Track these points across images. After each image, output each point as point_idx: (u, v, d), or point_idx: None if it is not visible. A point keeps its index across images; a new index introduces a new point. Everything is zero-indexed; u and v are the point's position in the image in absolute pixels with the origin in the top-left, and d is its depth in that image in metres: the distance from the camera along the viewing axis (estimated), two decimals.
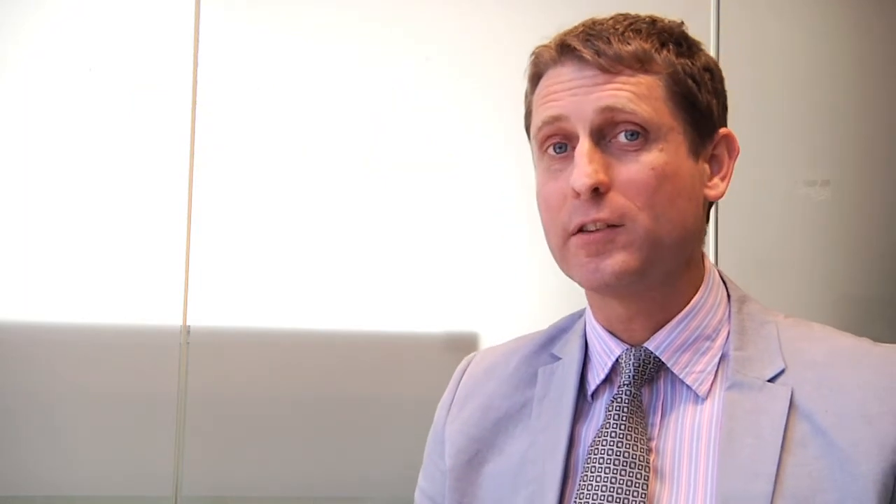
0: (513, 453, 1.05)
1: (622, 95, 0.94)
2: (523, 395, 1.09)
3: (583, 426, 1.03)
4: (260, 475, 2.01)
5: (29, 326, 1.99)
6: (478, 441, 1.08)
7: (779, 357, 0.99)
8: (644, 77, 0.96)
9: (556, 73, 0.99)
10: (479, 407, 1.11)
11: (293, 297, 2.03)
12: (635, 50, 0.95)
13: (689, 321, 1.01)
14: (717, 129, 1.02)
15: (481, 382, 1.13)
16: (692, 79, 0.98)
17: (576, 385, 1.05)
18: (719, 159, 1.03)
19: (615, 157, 0.95)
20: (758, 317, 1.04)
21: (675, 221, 0.96)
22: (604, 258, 0.95)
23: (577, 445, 1.02)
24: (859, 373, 0.96)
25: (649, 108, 0.95)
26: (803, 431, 0.94)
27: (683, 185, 0.97)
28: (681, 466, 0.97)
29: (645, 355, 1.01)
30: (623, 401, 1.00)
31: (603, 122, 0.95)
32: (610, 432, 0.99)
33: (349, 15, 2.09)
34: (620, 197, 0.94)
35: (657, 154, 0.95)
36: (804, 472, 0.92)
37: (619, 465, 0.97)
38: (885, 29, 2.20)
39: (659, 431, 1.00)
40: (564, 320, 1.14)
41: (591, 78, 0.95)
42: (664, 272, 0.98)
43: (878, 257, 2.16)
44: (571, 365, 1.06)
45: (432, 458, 1.16)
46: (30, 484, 1.97)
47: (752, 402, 0.96)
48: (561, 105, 0.97)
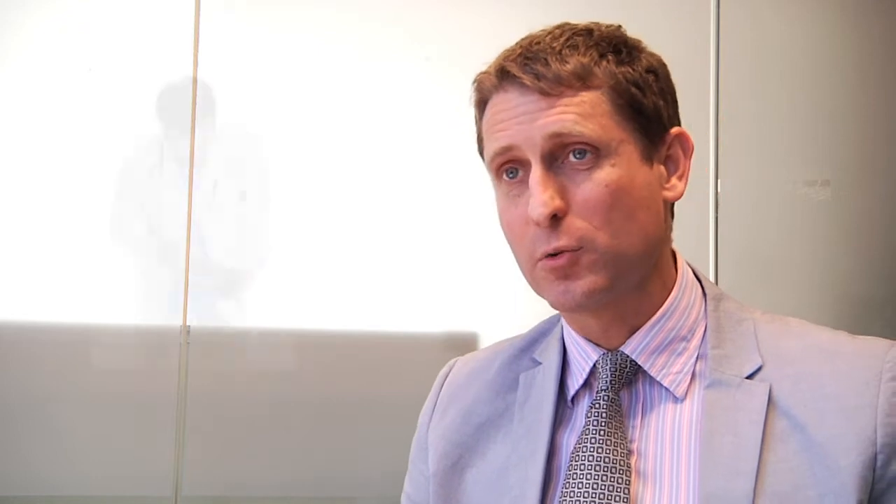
0: (495, 459, 1.05)
1: (567, 119, 0.94)
2: (504, 400, 1.09)
3: (564, 432, 1.04)
4: (260, 475, 2.02)
5: (29, 326, 1.99)
6: (460, 446, 1.08)
7: (756, 354, 0.99)
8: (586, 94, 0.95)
9: (500, 99, 0.99)
10: (461, 412, 1.11)
11: (293, 298, 2.03)
12: (574, 68, 0.95)
13: (664, 323, 1.01)
14: (667, 129, 1.01)
15: (463, 388, 1.13)
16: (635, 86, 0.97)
17: (555, 390, 1.05)
18: (674, 159, 1.02)
19: (569, 179, 0.95)
20: (734, 314, 1.03)
21: (636, 233, 0.96)
22: (572, 280, 0.96)
23: (558, 451, 1.02)
24: (836, 366, 0.96)
25: (595, 126, 0.95)
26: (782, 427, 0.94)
27: (640, 196, 0.97)
28: (663, 467, 0.97)
29: (621, 359, 1.01)
30: (601, 406, 1.00)
31: (552, 147, 0.95)
32: (590, 438, 0.99)
33: (349, 15, 2.10)
34: (578, 220, 0.95)
35: (609, 170, 0.95)
36: (785, 468, 0.92)
37: (601, 471, 0.97)
38: (884, 29, 2.20)
39: (639, 434, 1.00)
40: (544, 323, 1.14)
41: (534, 103, 0.96)
42: (632, 281, 0.99)
43: (878, 257, 2.16)
44: (551, 370, 1.06)
45: (416, 463, 1.16)
46: (30, 484, 1.97)
47: (730, 400, 0.97)
48: (509, 135, 0.97)
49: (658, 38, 1.15)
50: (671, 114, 1.02)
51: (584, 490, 0.97)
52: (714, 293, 1.05)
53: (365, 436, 2.02)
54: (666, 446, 0.98)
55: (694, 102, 2.06)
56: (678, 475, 0.96)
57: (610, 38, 0.99)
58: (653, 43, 1.07)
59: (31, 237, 2.00)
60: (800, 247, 2.14)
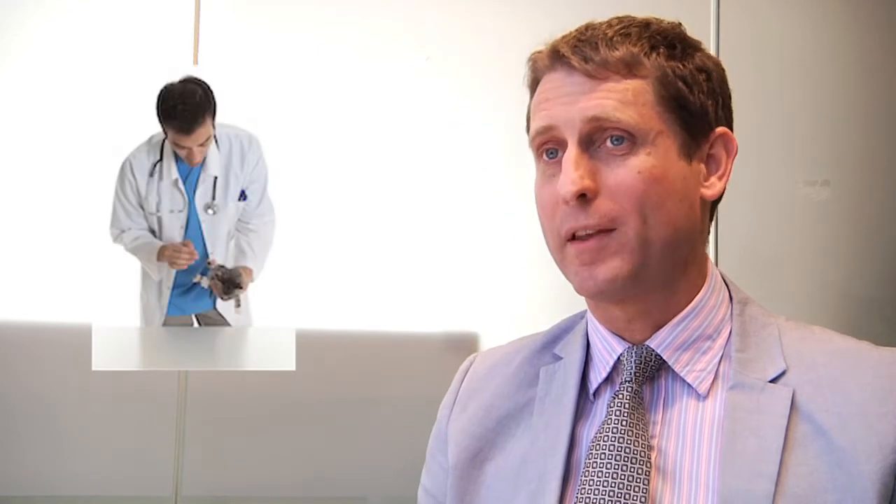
0: (514, 452, 1.06)
1: (607, 104, 0.96)
2: (525, 394, 1.09)
3: (584, 425, 1.04)
4: (260, 475, 2.01)
5: (29, 326, 1.99)
6: (480, 440, 1.09)
7: (780, 358, 1.00)
8: (631, 82, 0.97)
9: (549, 79, 1.01)
10: (481, 406, 1.12)
11: (293, 298, 2.03)
12: (622, 55, 0.97)
13: (691, 320, 1.02)
14: (712, 129, 1.02)
15: (484, 382, 1.14)
16: (683, 81, 0.98)
17: (577, 384, 1.05)
18: (716, 158, 1.03)
19: (603, 163, 0.97)
20: (759, 319, 1.04)
21: (665, 223, 0.97)
22: (597, 265, 0.97)
23: (578, 444, 1.03)
24: (860, 374, 0.97)
25: (635, 114, 0.96)
26: (804, 432, 0.95)
27: (673, 187, 0.98)
28: (682, 464, 0.98)
29: (646, 353, 1.02)
30: (624, 397, 1.01)
31: (591, 130, 0.97)
32: (611, 429, 0.99)
33: (349, 15, 2.10)
34: (608, 202, 0.96)
35: (644, 158, 0.96)
36: (805, 471, 0.93)
37: (621, 461, 0.97)
38: (885, 29, 2.20)
39: (660, 429, 1.00)
40: (566, 321, 1.15)
41: (578, 85, 0.97)
42: (659, 275, 0.99)
43: (878, 257, 2.16)
44: (573, 364, 1.07)
45: (435, 455, 1.17)
46: (30, 484, 1.97)
47: (753, 403, 0.97)
48: (551, 114, 0.99)
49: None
50: (719, 115, 1.03)
51: (602, 480, 0.97)
52: (740, 297, 1.06)
53: (364, 436, 2.02)
54: (687, 444, 0.99)
55: None
56: (698, 473, 0.97)
57: (666, 33, 1.01)
58: None
59: (31, 237, 2.00)
60: (800, 247, 2.14)
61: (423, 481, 1.19)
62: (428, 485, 1.17)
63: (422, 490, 1.19)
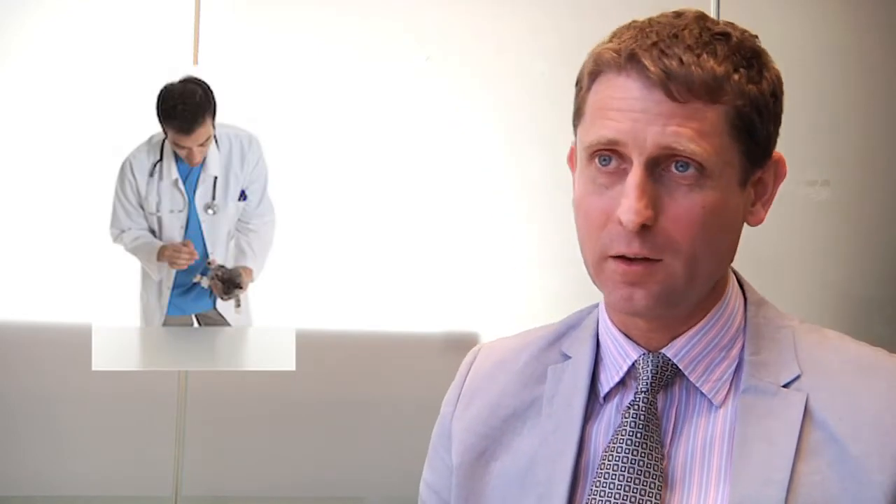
0: (521, 452, 1.05)
1: (684, 134, 0.90)
2: (532, 392, 1.07)
3: (593, 428, 1.03)
4: (260, 475, 2.01)
5: (29, 326, 1.99)
6: (486, 438, 1.07)
7: (794, 363, 0.98)
8: (710, 110, 0.92)
9: (620, 83, 0.93)
10: (487, 404, 1.09)
11: (293, 298, 2.03)
12: (706, 78, 0.91)
13: (708, 331, 1.00)
14: (770, 155, 1.00)
15: (489, 378, 1.12)
16: (756, 109, 0.95)
17: (586, 386, 1.04)
18: (765, 183, 1.01)
19: (666, 189, 0.92)
20: (774, 321, 1.03)
21: (713, 258, 0.95)
22: (637, 288, 0.94)
23: (587, 448, 1.02)
24: (874, 383, 0.95)
25: (709, 147, 0.91)
26: (817, 439, 0.94)
27: (728, 220, 0.96)
28: (692, 472, 0.97)
29: (663, 362, 1.00)
30: (640, 408, 0.99)
31: (660, 155, 0.92)
32: (626, 440, 0.98)
33: (349, 15, 2.09)
34: (664, 232, 0.92)
35: (709, 192, 0.92)
36: (817, 480, 0.92)
37: (633, 474, 0.96)
38: (885, 29, 2.20)
39: (672, 439, 0.99)
40: (574, 317, 1.12)
41: (655, 104, 0.91)
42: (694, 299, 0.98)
43: (878, 257, 2.16)
44: (582, 365, 1.05)
45: (438, 451, 1.15)
46: (30, 484, 1.97)
47: (766, 408, 0.96)
48: (619, 128, 0.92)
49: None
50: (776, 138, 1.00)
51: (614, 491, 0.96)
52: (755, 298, 1.05)
53: (364, 436, 2.02)
54: (697, 451, 0.97)
55: None
56: (707, 481, 0.96)
57: (745, 47, 0.96)
58: None
59: (31, 237, 2.00)
60: (800, 247, 2.14)
61: (425, 476, 1.17)
62: (430, 480, 1.15)
63: (423, 485, 1.17)
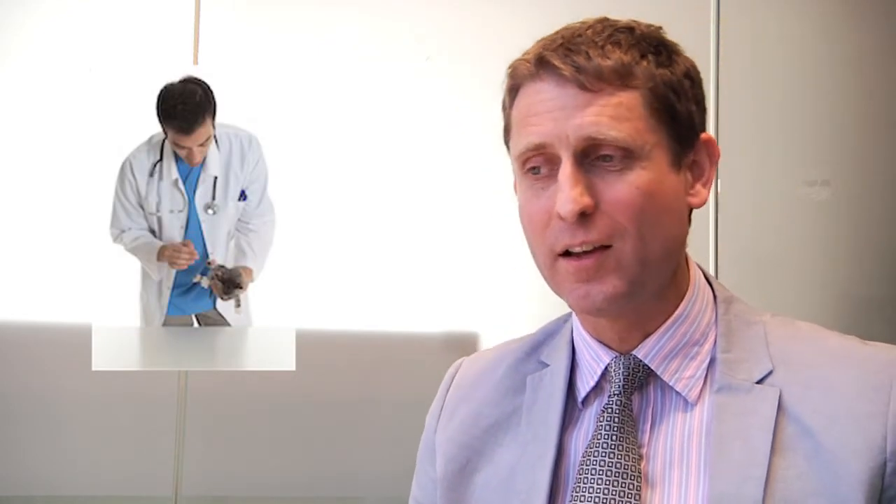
0: (502, 463, 1.05)
1: (603, 122, 0.93)
2: (512, 402, 1.08)
3: (572, 434, 1.03)
4: (260, 475, 2.01)
5: (29, 326, 1.99)
6: (468, 449, 1.08)
7: (766, 358, 0.99)
8: (624, 94, 0.94)
9: (536, 89, 0.97)
10: (468, 415, 1.10)
11: (293, 298, 2.03)
12: (615, 65, 0.94)
13: (677, 328, 1.01)
14: (698, 136, 1.00)
15: (471, 389, 1.13)
16: (672, 90, 0.96)
17: (564, 392, 1.04)
18: (700, 165, 1.01)
19: (599, 177, 0.94)
20: (745, 317, 1.03)
21: (660, 239, 0.96)
22: (594, 284, 0.95)
23: (566, 454, 1.02)
24: (847, 373, 0.96)
25: (630, 129, 0.93)
26: (792, 433, 0.94)
27: (668, 200, 0.96)
28: (671, 471, 0.97)
29: (634, 363, 1.01)
30: (614, 410, 1.00)
31: (585, 147, 0.94)
32: (602, 443, 0.98)
33: (349, 15, 2.10)
34: (607, 217, 0.94)
35: (640, 172, 0.94)
36: (794, 474, 0.92)
37: (612, 476, 0.97)
38: (885, 29, 2.20)
39: (649, 438, 0.99)
40: (551, 325, 1.14)
41: (571, 98, 0.94)
42: (653, 289, 0.98)
43: (878, 257, 2.16)
44: (559, 372, 1.06)
45: (424, 466, 1.16)
46: (30, 484, 1.97)
47: (740, 405, 0.96)
48: (542, 131, 0.95)
49: None
50: (700, 120, 1.01)
51: (594, 495, 0.97)
52: (724, 296, 1.05)
53: (365, 436, 2.02)
54: (675, 450, 0.98)
55: None
56: (687, 479, 0.96)
57: (650, 37, 0.98)
58: None
59: (32, 237, 2.00)
60: (800, 247, 2.14)
61: (413, 491, 1.18)
62: (418, 495, 1.16)
63: (412, 500, 1.18)
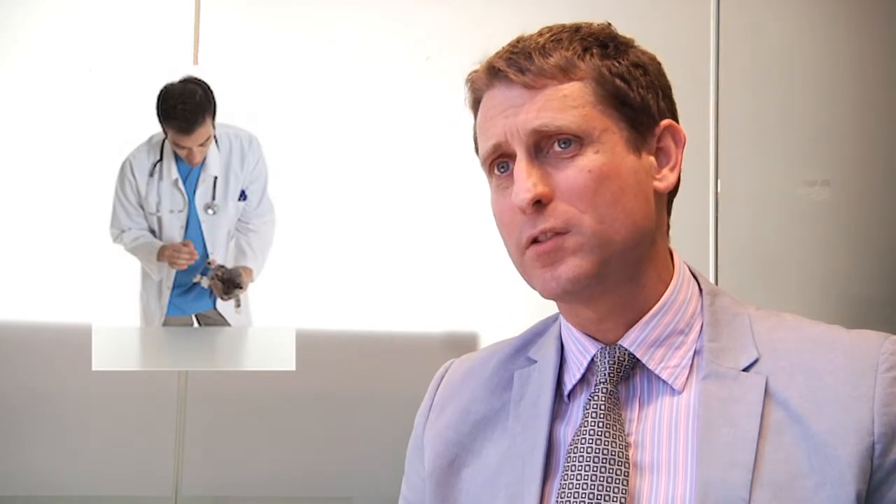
0: (491, 457, 1.06)
1: (547, 115, 0.97)
2: (500, 398, 1.09)
3: (561, 427, 1.04)
4: (260, 475, 2.02)
5: (29, 326, 1.99)
6: (456, 445, 1.09)
7: (752, 347, 1.01)
8: (569, 85, 0.98)
9: (490, 96, 1.02)
10: (456, 411, 1.12)
11: (293, 298, 2.03)
12: (557, 61, 0.98)
13: (662, 317, 1.02)
14: (657, 122, 1.02)
15: (459, 387, 1.14)
16: (620, 78, 0.99)
17: (552, 386, 1.06)
18: (666, 151, 1.03)
19: (553, 167, 0.98)
20: (730, 309, 1.05)
21: (621, 219, 0.98)
22: (557, 266, 0.98)
23: (556, 446, 1.03)
24: (832, 358, 0.97)
25: (576, 116, 0.97)
26: (779, 418, 0.96)
27: (626, 183, 0.98)
28: (660, 458, 0.98)
29: (620, 353, 1.02)
30: (600, 398, 1.01)
31: (536, 139, 0.98)
32: (588, 430, 1.00)
33: (349, 15, 2.10)
34: (563, 204, 0.97)
35: (593, 157, 0.97)
36: (781, 457, 0.94)
37: (599, 463, 0.98)
38: (884, 29, 2.20)
39: (637, 426, 1.01)
40: (539, 324, 1.15)
41: (518, 97, 0.99)
42: (622, 271, 0.99)
43: (878, 257, 2.16)
44: (547, 367, 1.07)
45: (413, 464, 1.17)
46: (30, 484, 1.97)
47: (727, 392, 0.98)
48: (496, 132, 0.99)
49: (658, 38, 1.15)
50: (662, 107, 1.03)
51: (582, 482, 0.98)
52: (710, 289, 1.07)
53: (365, 436, 2.02)
54: (664, 438, 0.99)
55: (694, 102, 2.06)
56: (675, 466, 0.97)
57: (597, 34, 1.02)
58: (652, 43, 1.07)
59: (32, 237, 2.00)
60: (800, 247, 2.14)
61: (402, 491, 1.19)
62: (407, 494, 1.17)
63: (402, 500, 1.18)
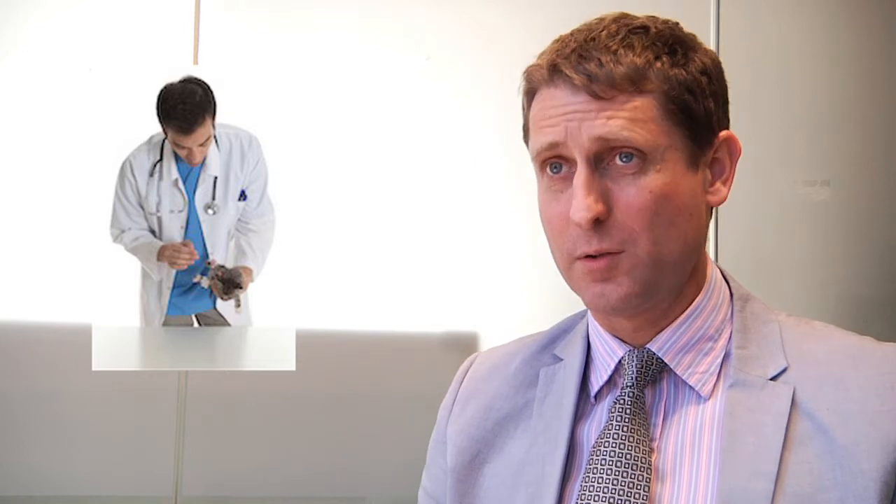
0: (513, 454, 1.06)
1: (615, 124, 0.93)
2: (524, 395, 1.09)
3: (584, 427, 1.04)
4: (260, 475, 2.01)
5: (29, 326, 1.99)
6: (479, 441, 1.09)
7: (781, 355, 0.99)
8: (637, 99, 0.94)
9: (550, 94, 0.98)
10: (480, 407, 1.11)
11: (293, 298, 2.03)
12: (627, 71, 0.94)
13: (692, 322, 1.01)
14: (716, 133, 1.00)
15: (483, 383, 1.13)
16: (688, 90, 0.96)
17: (577, 386, 1.05)
18: (721, 163, 1.02)
19: (613, 181, 0.95)
20: (760, 315, 1.04)
21: (676, 240, 0.96)
22: (608, 283, 0.95)
23: (578, 446, 1.02)
24: (861, 371, 0.96)
25: (644, 132, 0.94)
26: (805, 429, 0.94)
27: (683, 203, 0.96)
28: (682, 465, 0.97)
29: (648, 357, 1.01)
30: (626, 402, 1.00)
31: (599, 149, 0.95)
32: (613, 434, 0.99)
33: (349, 15, 2.10)
34: (620, 224, 0.94)
35: (654, 176, 0.95)
36: (805, 469, 0.93)
37: (622, 467, 0.97)
38: (884, 29, 2.20)
39: (661, 432, 1.00)
40: (566, 321, 1.14)
41: (584, 104, 0.95)
42: (669, 288, 0.99)
43: (878, 257, 2.16)
44: (573, 366, 1.06)
45: (435, 458, 1.16)
46: (30, 484, 1.97)
47: (753, 401, 0.97)
48: (557, 131, 0.96)
49: None
50: (721, 116, 1.01)
51: (603, 485, 0.97)
52: (741, 293, 1.06)
53: (364, 436, 2.02)
54: (687, 445, 0.98)
55: None
56: (697, 474, 0.96)
57: (665, 37, 0.98)
58: None
59: (32, 237, 2.00)
60: (800, 247, 2.14)
61: (423, 482, 1.19)
62: (428, 486, 1.17)
63: (422, 491, 1.18)
